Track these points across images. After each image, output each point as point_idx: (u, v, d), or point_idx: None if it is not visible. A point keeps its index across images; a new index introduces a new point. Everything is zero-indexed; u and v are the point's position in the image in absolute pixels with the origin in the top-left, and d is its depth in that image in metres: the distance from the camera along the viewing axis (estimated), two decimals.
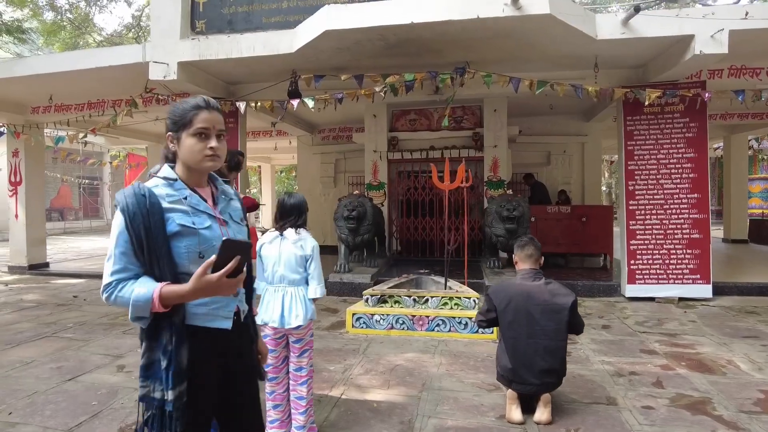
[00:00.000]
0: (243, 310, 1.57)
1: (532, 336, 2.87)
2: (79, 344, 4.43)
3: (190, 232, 1.39)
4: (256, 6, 6.01)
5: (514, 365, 2.88)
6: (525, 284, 2.99)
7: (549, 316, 2.87)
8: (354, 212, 6.50)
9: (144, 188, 1.39)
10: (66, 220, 19.79)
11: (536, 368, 2.83)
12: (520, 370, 2.86)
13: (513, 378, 2.90)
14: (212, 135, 1.45)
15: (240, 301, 1.54)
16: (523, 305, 2.92)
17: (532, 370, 2.84)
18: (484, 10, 4.52)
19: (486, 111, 8.23)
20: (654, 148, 6.08)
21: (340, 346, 4.36)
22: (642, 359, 4.04)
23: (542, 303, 2.90)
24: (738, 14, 4.66)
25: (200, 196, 1.49)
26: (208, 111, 1.45)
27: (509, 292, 3.00)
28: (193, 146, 1.43)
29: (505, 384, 3.02)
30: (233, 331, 1.49)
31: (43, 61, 6.82)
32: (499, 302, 2.99)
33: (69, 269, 8.72)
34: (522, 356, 2.87)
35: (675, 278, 6.05)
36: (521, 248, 3.10)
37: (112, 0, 18.85)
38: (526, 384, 2.87)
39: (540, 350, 2.86)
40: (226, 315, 1.47)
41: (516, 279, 3.11)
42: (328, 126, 10.78)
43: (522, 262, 3.09)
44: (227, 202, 1.57)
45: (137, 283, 1.32)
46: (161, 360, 1.33)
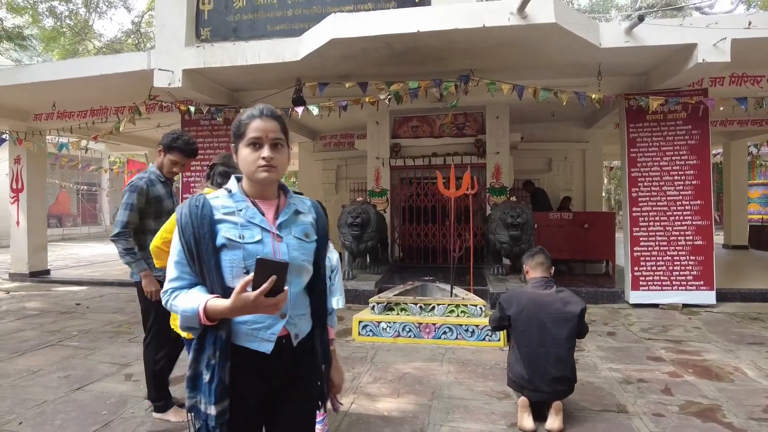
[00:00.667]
0: (295, 333, 1.45)
1: (544, 344, 2.88)
2: (85, 353, 4.41)
3: (235, 246, 1.35)
4: (261, 14, 6.05)
5: (527, 373, 2.89)
6: (537, 293, 3.01)
7: (561, 324, 2.89)
8: (358, 219, 6.51)
9: (200, 198, 1.40)
10: (64, 227, 19.72)
11: (548, 376, 2.84)
12: (533, 378, 2.87)
13: (525, 385, 2.91)
14: (265, 144, 1.40)
15: (292, 323, 1.44)
16: (535, 314, 2.93)
17: (545, 378, 2.85)
18: (491, 19, 4.55)
19: (488, 118, 8.27)
20: (657, 155, 6.11)
21: (347, 354, 4.36)
22: (649, 366, 4.05)
23: (554, 312, 2.91)
24: (740, 24, 4.71)
25: (259, 208, 1.43)
26: (260, 119, 1.41)
27: (521, 301, 3.01)
28: (246, 157, 1.40)
29: (516, 390, 3.03)
30: (280, 356, 1.41)
31: (47, 69, 6.82)
32: (512, 311, 3.01)
33: (70, 276, 8.69)
34: (535, 364, 2.88)
35: (679, 285, 6.06)
36: (532, 257, 3.14)
37: (111, 6, 18.84)
38: (538, 391, 2.87)
39: (552, 358, 2.87)
40: (267, 338, 1.39)
41: (527, 287, 3.12)
42: (330, 132, 10.81)
43: (533, 271, 3.12)
44: (293, 216, 1.48)
45: (189, 294, 1.33)
46: (204, 373, 1.32)
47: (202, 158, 7.02)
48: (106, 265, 10.18)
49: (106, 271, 9.35)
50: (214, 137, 7.03)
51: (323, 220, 1.57)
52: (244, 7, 6.09)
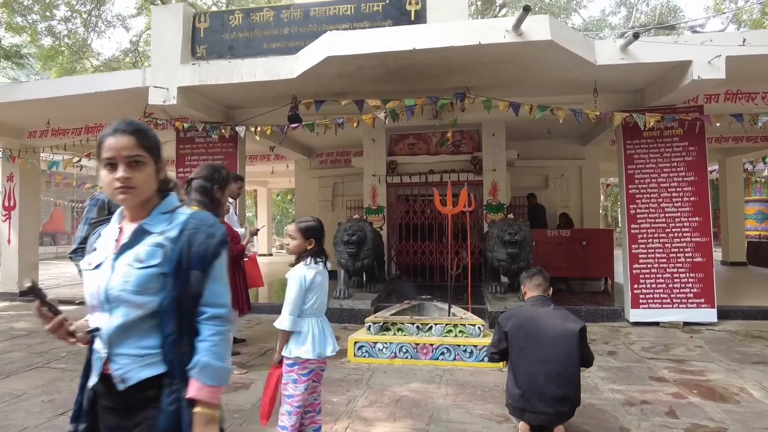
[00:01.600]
0: (120, 375, 1.25)
1: (544, 362, 2.78)
2: (72, 375, 4.27)
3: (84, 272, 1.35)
4: (256, 32, 6.07)
5: (526, 393, 2.78)
6: (535, 309, 2.95)
7: (560, 341, 2.79)
8: (354, 237, 6.43)
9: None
10: (58, 245, 19.53)
11: (549, 396, 2.73)
12: (532, 399, 2.76)
13: (525, 407, 2.79)
14: (120, 163, 1.26)
15: (114, 362, 1.26)
16: (533, 330, 2.84)
17: (545, 399, 2.74)
18: (486, 36, 4.56)
19: (484, 135, 8.26)
20: (654, 172, 6.09)
21: (342, 376, 4.24)
22: (652, 387, 3.95)
23: (552, 328, 2.83)
24: (735, 41, 4.73)
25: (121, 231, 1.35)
26: (112, 137, 1.27)
27: (520, 318, 2.93)
28: (104, 179, 1.28)
29: (517, 416, 2.92)
30: (113, 396, 1.27)
31: (43, 86, 6.81)
32: (509, 329, 2.92)
33: (62, 296, 8.51)
34: (534, 384, 2.77)
35: (679, 302, 5.99)
36: (530, 278, 3.09)
37: (110, 26, 19.00)
38: (539, 413, 2.76)
39: (553, 377, 2.75)
40: (96, 371, 1.29)
41: (525, 305, 3.06)
42: (326, 150, 10.80)
43: (531, 291, 3.07)
44: (136, 237, 1.30)
45: None
46: None
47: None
48: None
49: None
50: (209, 154, 6.98)
51: (193, 241, 1.28)
52: (239, 25, 6.12)
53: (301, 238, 2.59)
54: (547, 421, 2.77)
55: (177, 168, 7.08)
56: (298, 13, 5.96)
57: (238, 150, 6.92)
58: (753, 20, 17.21)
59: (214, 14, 6.39)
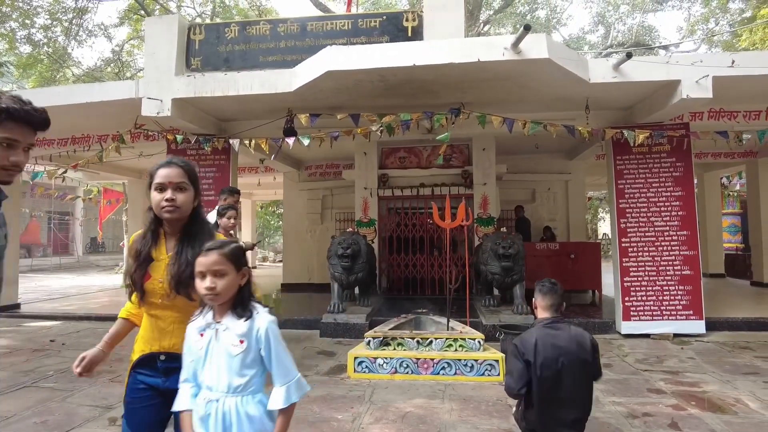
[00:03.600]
0: None
1: (565, 390, 2.70)
2: (63, 395, 4.13)
3: None
4: (253, 45, 6.06)
5: (545, 421, 2.73)
6: (552, 334, 2.80)
7: (579, 367, 2.73)
8: (348, 250, 6.40)
9: None
10: (33, 257, 18.96)
11: (568, 419, 2.71)
12: (551, 424, 2.73)
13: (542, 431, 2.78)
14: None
15: None
16: (553, 358, 2.74)
17: (565, 422, 2.72)
18: (485, 54, 4.64)
19: (474, 149, 8.36)
20: (644, 187, 6.25)
21: (344, 393, 4.19)
22: (652, 399, 4.01)
23: (572, 354, 2.74)
24: (724, 62, 4.92)
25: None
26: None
27: (538, 345, 2.77)
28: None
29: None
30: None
31: (31, 96, 6.62)
32: (531, 356, 2.76)
33: (42, 311, 8.27)
34: (556, 411, 2.71)
35: (669, 314, 6.11)
36: (543, 296, 2.92)
37: (92, 35, 18.70)
38: None
39: (572, 402, 2.71)
40: None
41: (537, 328, 2.91)
42: (315, 162, 10.77)
43: (543, 312, 2.93)
44: None
45: None
46: None
47: None
48: (82, 298, 9.74)
49: (81, 304, 8.93)
50: (201, 167, 6.88)
51: None
52: (236, 37, 6.10)
53: (232, 270, 1.57)
54: None
55: None
56: (295, 27, 5.98)
57: (230, 162, 6.85)
58: (724, 42, 17.93)
59: (210, 26, 6.36)
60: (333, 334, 6.25)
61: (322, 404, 3.90)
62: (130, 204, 12.61)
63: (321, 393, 4.16)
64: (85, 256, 21.84)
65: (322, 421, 3.55)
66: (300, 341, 6.07)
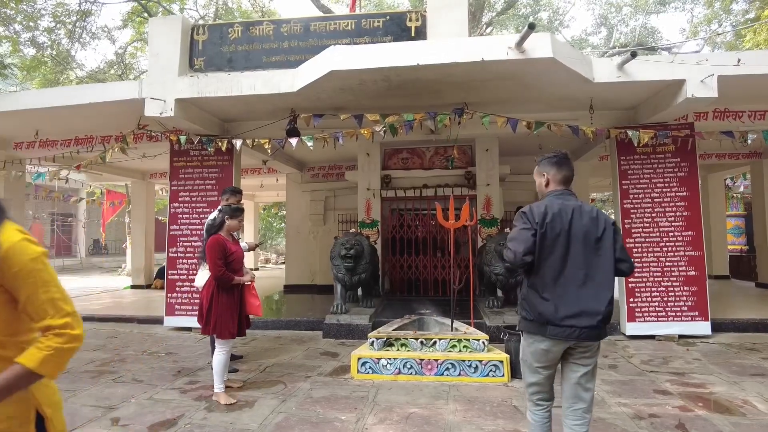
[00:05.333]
0: None
1: (578, 266, 2.33)
2: (66, 395, 4.10)
3: None
4: (256, 45, 6.05)
5: (556, 302, 2.31)
6: (562, 202, 2.41)
7: (595, 241, 2.35)
8: (352, 251, 6.37)
9: None
10: None
11: (589, 308, 2.29)
12: (561, 309, 2.30)
13: (552, 320, 2.32)
14: None
15: None
16: (566, 226, 2.34)
17: (589, 311, 2.29)
18: (489, 53, 4.62)
19: (478, 150, 8.34)
20: (648, 187, 6.21)
21: (348, 394, 4.16)
22: (658, 400, 3.97)
23: (587, 224, 2.36)
24: (729, 61, 4.89)
25: None
26: None
27: (549, 210, 2.38)
28: None
29: (535, 332, 2.39)
30: None
31: (35, 96, 6.64)
32: (540, 220, 2.35)
33: None
34: (567, 291, 2.32)
35: (674, 316, 6.07)
36: (558, 166, 2.52)
37: (95, 37, 18.75)
38: (569, 327, 2.29)
39: (591, 285, 2.32)
40: None
41: (548, 198, 2.48)
42: (318, 164, 10.76)
43: (555, 184, 2.52)
44: None
45: None
46: None
47: (191, 188, 6.88)
48: (84, 299, 9.74)
49: (84, 305, 8.91)
50: (204, 167, 6.89)
51: None
52: (239, 38, 6.09)
53: None
54: (575, 336, 2.30)
55: (171, 180, 6.97)
56: (298, 27, 5.97)
57: (233, 163, 6.84)
58: (727, 43, 17.89)
59: (213, 27, 6.35)
60: (336, 335, 6.23)
61: (326, 405, 3.88)
62: (133, 206, 12.61)
63: (324, 394, 4.14)
64: (87, 258, 21.86)
65: (325, 422, 3.52)
66: (303, 342, 6.05)
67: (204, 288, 4.10)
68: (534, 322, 2.40)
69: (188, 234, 6.82)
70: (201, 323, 4.05)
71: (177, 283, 6.77)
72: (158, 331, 6.77)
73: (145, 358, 5.37)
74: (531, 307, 2.41)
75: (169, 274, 6.86)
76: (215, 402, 3.91)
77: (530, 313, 2.41)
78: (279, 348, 5.79)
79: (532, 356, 2.46)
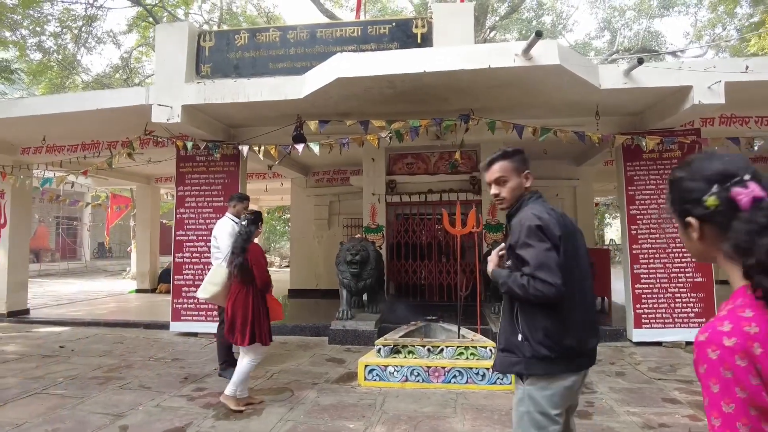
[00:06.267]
0: None
1: (587, 279, 2.03)
2: (74, 402, 4.12)
3: None
4: (262, 52, 6.08)
5: (579, 329, 1.93)
6: (554, 210, 2.04)
7: (585, 251, 2.07)
8: (357, 256, 6.38)
9: None
10: (41, 262, 19.05)
11: (593, 327, 2.05)
12: (585, 335, 1.96)
13: (582, 350, 1.94)
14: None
15: None
16: (573, 236, 2.00)
17: (594, 331, 2.04)
18: (496, 60, 4.63)
19: (483, 156, 8.32)
20: (654, 193, 6.20)
21: (355, 401, 4.16)
22: (667, 409, 3.95)
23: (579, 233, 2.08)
24: (737, 68, 4.88)
25: None
26: None
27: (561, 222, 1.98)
28: None
29: (558, 371, 1.89)
30: None
31: (44, 103, 6.69)
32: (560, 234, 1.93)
33: (51, 316, 8.29)
34: (584, 311, 1.99)
35: (681, 322, 6.04)
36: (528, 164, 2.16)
37: (100, 42, 18.85)
38: (589, 354, 1.99)
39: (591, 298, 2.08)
40: None
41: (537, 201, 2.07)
42: (323, 168, 10.79)
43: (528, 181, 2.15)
44: None
45: None
46: None
47: (197, 194, 6.90)
48: (89, 304, 9.77)
49: (89, 310, 8.96)
50: (210, 173, 6.91)
51: None
52: (245, 44, 6.12)
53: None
54: (594, 360, 2.02)
55: (177, 186, 6.99)
56: (304, 33, 5.99)
57: (239, 169, 6.85)
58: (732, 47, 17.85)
59: (220, 33, 6.38)
60: (342, 341, 6.22)
61: (334, 412, 3.87)
62: (138, 210, 12.65)
63: (332, 401, 4.13)
64: (92, 261, 21.93)
65: (333, 430, 3.52)
66: (309, 348, 6.05)
67: (232, 300, 3.91)
68: (559, 359, 1.88)
69: (194, 239, 6.84)
70: (234, 335, 3.85)
71: (183, 289, 6.78)
72: (164, 336, 6.78)
73: (151, 364, 5.38)
74: (556, 342, 1.87)
75: (175, 279, 6.87)
76: (223, 410, 3.90)
77: (554, 349, 1.86)
78: (285, 354, 5.79)
79: (549, 403, 1.88)
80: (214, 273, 4.21)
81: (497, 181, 2.10)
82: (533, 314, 1.91)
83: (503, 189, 2.10)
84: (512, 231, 2.01)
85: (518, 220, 1.99)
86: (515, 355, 1.93)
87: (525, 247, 1.90)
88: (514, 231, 1.98)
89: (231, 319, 3.87)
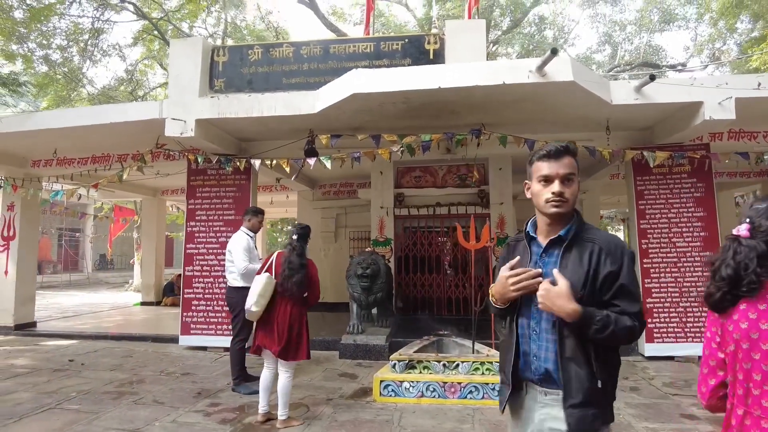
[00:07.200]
0: None
1: None
2: (89, 417, 4.09)
3: None
4: (276, 67, 6.14)
5: None
6: None
7: None
8: (368, 270, 6.37)
9: None
10: (44, 274, 19.00)
11: None
12: None
13: None
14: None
15: None
16: None
17: None
18: (510, 76, 4.68)
19: (491, 169, 8.38)
20: (665, 208, 6.23)
21: (372, 417, 4.13)
22: (686, 425, 3.93)
23: None
24: (749, 84, 4.94)
25: None
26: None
27: None
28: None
29: None
30: None
31: (57, 117, 6.72)
32: None
33: (58, 329, 8.26)
34: None
35: (693, 336, 6.03)
36: None
37: (106, 55, 19.01)
38: None
39: None
40: None
41: None
42: (329, 181, 10.82)
43: None
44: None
45: None
46: None
47: (208, 207, 6.92)
48: (95, 317, 9.73)
49: (95, 323, 8.92)
50: (221, 186, 6.93)
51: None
52: (259, 59, 6.19)
53: None
54: None
55: (188, 199, 7.01)
56: (318, 49, 6.06)
57: (251, 182, 6.88)
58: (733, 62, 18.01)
59: (234, 48, 6.46)
60: (353, 355, 6.20)
61: (351, 428, 3.85)
62: (144, 222, 12.66)
63: (348, 417, 4.11)
64: (94, 273, 21.88)
65: None
66: (320, 363, 6.02)
67: (287, 315, 3.86)
68: None
69: (204, 253, 6.84)
70: (289, 351, 3.80)
71: (193, 302, 6.77)
72: (173, 350, 6.75)
73: (163, 378, 5.35)
74: None
75: (185, 292, 6.86)
76: (240, 426, 3.88)
77: None
78: (297, 368, 5.71)
79: None
80: (262, 285, 3.92)
81: (565, 179, 1.65)
82: (612, 354, 1.65)
83: (568, 189, 1.66)
84: (602, 254, 1.61)
85: (612, 243, 1.65)
86: (594, 407, 1.58)
87: (635, 283, 1.61)
88: (610, 255, 1.61)
89: (288, 335, 3.79)
